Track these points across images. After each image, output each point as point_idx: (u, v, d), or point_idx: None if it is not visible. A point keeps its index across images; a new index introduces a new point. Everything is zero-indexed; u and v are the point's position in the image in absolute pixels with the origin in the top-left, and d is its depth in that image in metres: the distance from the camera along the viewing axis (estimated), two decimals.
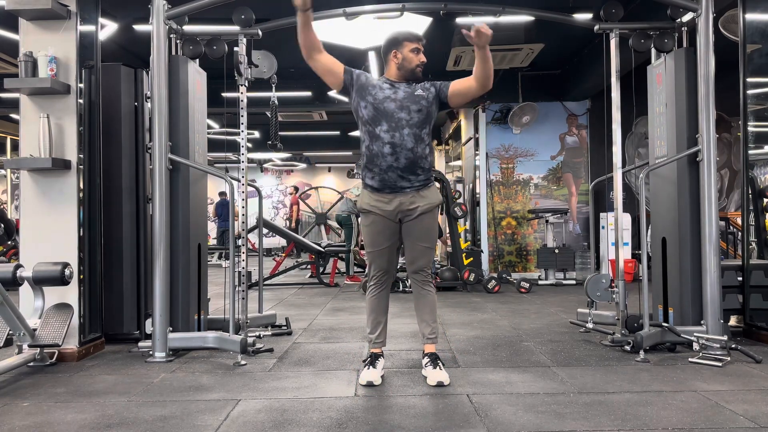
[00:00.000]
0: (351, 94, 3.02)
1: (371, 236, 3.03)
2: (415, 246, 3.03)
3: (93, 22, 3.77)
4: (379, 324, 3.10)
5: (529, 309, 5.38)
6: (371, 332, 3.11)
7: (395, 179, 2.93)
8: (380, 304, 3.09)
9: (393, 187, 2.94)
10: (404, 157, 2.89)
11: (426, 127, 2.97)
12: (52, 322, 3.28)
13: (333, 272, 7.80)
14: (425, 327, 3.08)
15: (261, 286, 4.40)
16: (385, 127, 2.90)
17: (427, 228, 3.02)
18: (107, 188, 3.85)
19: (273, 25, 3.91)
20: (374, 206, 2.98)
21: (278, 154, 15.09)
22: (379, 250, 3.03)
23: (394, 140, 2.89)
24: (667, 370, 3.13)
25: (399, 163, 2.90)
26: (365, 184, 3.03)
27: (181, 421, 2.41)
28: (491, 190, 8.18)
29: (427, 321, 3.07)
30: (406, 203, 2.95)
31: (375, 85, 2.98)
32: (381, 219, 2.98)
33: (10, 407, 2.61)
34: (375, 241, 3.03)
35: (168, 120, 3.62)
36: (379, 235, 3.01)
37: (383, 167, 2.91)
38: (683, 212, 3.72)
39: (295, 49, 2.95)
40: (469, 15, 5.64)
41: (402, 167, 2.91)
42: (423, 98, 2.96)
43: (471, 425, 2.32)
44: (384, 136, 2.90)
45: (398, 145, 2.89)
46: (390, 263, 3.08)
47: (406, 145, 2.89)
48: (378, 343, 3.10)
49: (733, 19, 4.21)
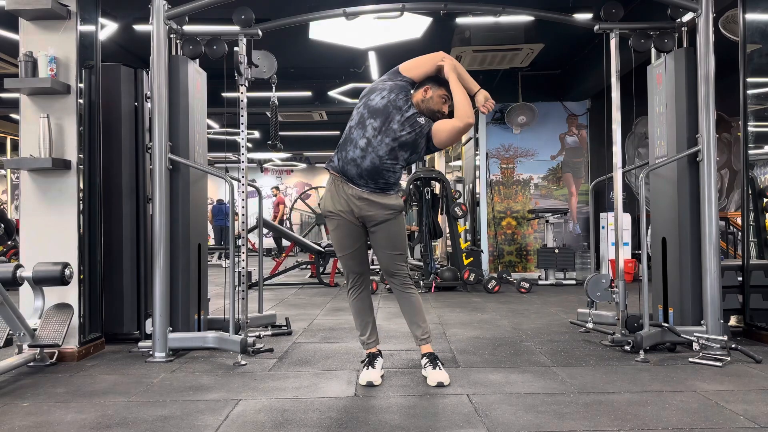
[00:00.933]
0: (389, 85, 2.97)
1: (338, 240, 3.02)
2: (383, 253, 3.02)
3: (93, 22, 3.77)
4: (368, 324, 3.11)
5: (529, 309, 5.38)
6: (361, 334, 3.12)
7: (353, 175, 2.89)
8: (363, 306, 3.10)
9: (350, 178, 2.90)
10: (370, 161, 2.85)
11: (405, 152, 2.91)
12: (52, 322, 3.28)
13: (333, 272, 7.79)
14: (416, 329, 3.06)
15: (261, 286, 4.40)
16: (376, 125, 2.87)
17: (392, 235, 2.98)
18: (107, 188, 3.85)
19: (273, 25, 3.91)
20: (336, 209, 2.95)
21: (278, 154, 15.10)
22: (348, 254, 3.02)
23: (373, 140, 2.85)
24: (667, 370, 3.13)
25: (364, 162, 2.86)
26: (330, 163, 2.99)
27: (181, 421, 2.41)
28: (491, 190, 8.18)
29: (416, 323, 3.06)
30: (363, 209, 2.91)
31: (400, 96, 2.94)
32: (344, 222, 2.96)
33: (10, 407, 2.61)
34: (342, 244, 3.02)
35: (168, 120, 3.62)
36: (345, 239, 3.00)
37: (347, 158, 2.89)
38: (683, 212, 3.72)
39: (295, 49, 2.95)
40: (469, 15, 5.65)
41: (364, 168, 2.86)
42: (419, 126, 2.91)
43: (471, 425, 2.32)
44: (368, 131, 2.86)
45: (372, 146, 2.84)
46: (361, 264, 3.07)
47: (378, 151, 2.85)
48: (371, 343, 3.10)
49: (733, 19, 4.21)
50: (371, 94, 2.96)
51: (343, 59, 6.89)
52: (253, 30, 3.79)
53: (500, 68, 7.22)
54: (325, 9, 3.90)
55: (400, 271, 3.04)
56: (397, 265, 3.03)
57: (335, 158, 2.98)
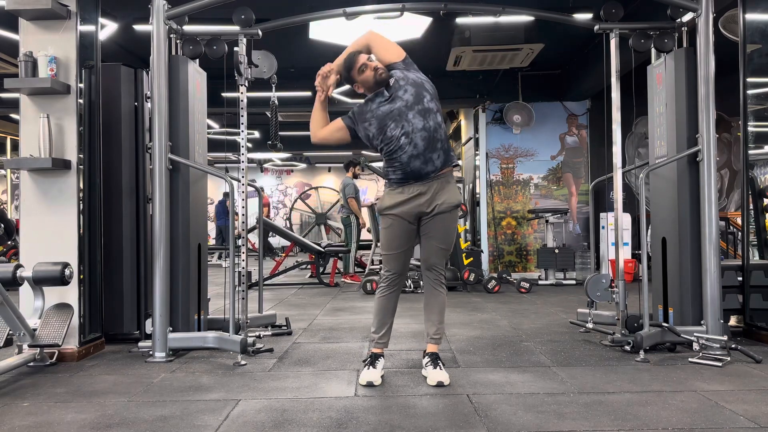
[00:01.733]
0: (359, 130, 3.03)
1: (388, 240, 3.05)
2: (431, 245, 3.04)
3: (93, 22, 3.77)
4: (385, 325, 3.10)
5: (529, 309, 5.38)
6: (376, 332, 3.09)
7: (419, 167, 2.91)
8: (389, 306, 3.10)
9: (418, 176, 2.92)
10: (420, 138, 2.88)
11: (424, 99, 2.94)
12: (52, 322, 3.28)
13: (333, 272, 7.79)
14: (431, 326, 3.07)
15: (261, 286, 4.40)
16: (392, 125, 2.91)
17: (446, 228, 3.02)
18: (107, 188, 3.85)
19: (273, 25, 3.91)
20: (394, 208, 2.98)
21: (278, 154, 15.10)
22: (395, 254, 3.05)
23: (405, 129, 2.89)
24: (667, 370, 3.13)
25: (417, 148, 2.88)
26: (390, 180, 3.02)
27: (181, 421, 2.41)
28: (491, 190, 8.18)
29: (433, 321, 3.07)
30: (427, 201, 2.94)
31: (367, 106, 3.02)
32: (399, 222, 2.99)
33: (10, 407, 2.61)
34: (391, 244, 3.04)
35: (168, 120, 3.62)
36: (396, 239, 3.02)
37: (404, 160, 2.91)
38: (683, 212, 3.72)
39: (295, 49, 2.95)
40: (469, 15, 5.65)
41: (421, 150, 2.88)
42: (401, 78, 2.96)
43: (471, 425, 2.32)
44: (395, 133, 2.90)
45: (409, 131, 2.88)
46: (404, 266, 3.09)
47: (416, 126, 2.88)
48: (381, 343, 3.10)
49: (733, 19, 4.21)
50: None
51: None
52: (253, 30, 3.79)
53: (500, 68, 7.22)
54: (325, 9, 3.90)
55: (439, 266, 3.07)
56: (439, 260, 3.06)
57: (391, 173, 2.98)
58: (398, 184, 2.98)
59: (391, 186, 3.02)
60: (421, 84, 2.97)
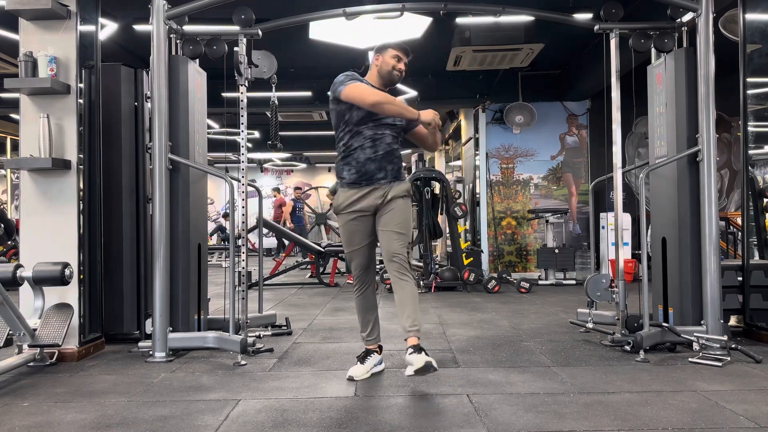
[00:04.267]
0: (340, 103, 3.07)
1: (348, 236, 3.14)
2: (388, 234, 3.04)
3: (93, 22, 3.77)
4: (369, 322, 3.17)
5: (529, 309, 5.38)
6: (363, 331, 3.19)
7: (373, 171, 3.05)
8: (367, 303, 3.18)
9: (370, 179, 3.05)
10: (382, 150, 3.06)
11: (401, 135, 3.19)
12: (52, 322, 3.28)
13: (333, 272, 7.79)
14: (405, 319, 2.92)
15: (261, 286, 4.40)
16: (371, 125, 3.05)
17: (401, 213, 3.07)
18: (107, 188, 3.85)
19: (273, 25, 3.91)
20: (349, 205, 3.08)
21: (278, 154, 15.08)
22: (357, 249, 3.13)
23: (376, 136, 3.06)
24: (667, 370, 3.13)
25: (377, 154, 3.05)
26: (342, 179, 3.13)
27: (181, 421, 2.41)
28: (491, 190, 8.18)
29: (407, 313, 2.93)
30: (381, 195, 3.05)
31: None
32: (356, 218, 3.09)
33: (10, 407, 2.61)
34: (352, 240, 3.13)
35: (168, 120, 3.62)
36: (355, 235, 3.12)
37: (361, 160, 3.04)
38: (683, 212, 3.72)
39: (295, 49, 2.95)
40: (469, 15, 5.65)
41: (380, 157, 3.05)
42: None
43: (471, 425, 2.32)
44: (367, 133, 3.05)
45: (378, 139, 3.06)
46: (369, 259, 3.17)
47: (385, 139, 3.08)
48: (371, 340, 3.17)
49: (733, 19, 4.21)
50: None
51: (343, 59, 6.89)
52: (253, 30, 3.79)
53: (500, 68, 7.22)
54: (325, 9, 3.90)
55: (400, 254, 3.01)
56: (399, 246, 3.02)
57: (345, 171, 3.11)
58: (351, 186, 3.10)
59: (343, 187, 3.14)
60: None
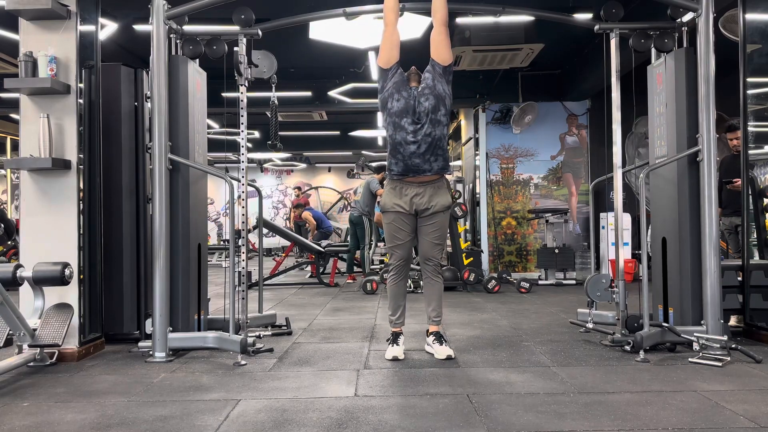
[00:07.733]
0: (387, 82, 3.42)
1: (392, 232, 3.51)
2: (426, 241, 3.54)
3: (93, 22, 3.77)
4: (399, 307, 3.57)
5: (529, 309, 5.38)
6: (392, 314, 3.56)
7: (418, 164, 3.37)
8: (399, 290, 3.57)
9: (416, 170, 3.39)
10: (425, 142, 3.36)
11: (441, 110, 3.40)
12: (52, 322, 3.28)
13: (333, 272, 7.79)
14: (432, 310, 3.55)
15: (261, 286, 4.40)
16: (409, 120, 3.36)
17: (438, 226, 3.52)
18: (107, 188, 3.85)
19: (273, 25, 3.91)
20: (396, 204, 3.45)
21: (278, 154, 15.08)
22: (399, 244, 3.52)
23: (416, 128, 3.36)
24: (667, 370, 3.13)
25: (420, 148, 3.35)
26: (389, 170, 3.47)
27: (181, 421, 2.41)
28: (491, 190, 8.18)
29: (432, 305, 3.55)
30: (424, 202, 3.43)
31: (406, 86, 3.43)
32: (401, 216, 3.46)
33: (10, 407, 2.61)
34: (395, 236, 3.51)
35: (168, 120, 3.62)
36: (399, 232, 3.50)
37: (406, 154, 3.37)
38: (683, 212, 3.72)
39: (295, 49, 2.96)
40: (469, 15, 5.66)
41: (423, 151, 3.36)
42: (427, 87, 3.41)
43: (471, 425, 2.32)
44: (408, 127, 3.36)
45: (419, 131, 3.35)
46: (408, 252, 3.58)
47: (425, 131, 3.36)
48: (398, 323, 3.56)
49: (733, 19, 4.21)
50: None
51: (343, 59, 6.88)
52: (253, 30, 3.79)
53: (500, 68, 7.22)
54: (325, 9, 3.90)
55: (436, 258, 3.56)
56: (436, 252, 3.55)
57: (392, 164, 3.44)
58: (398, 179, 3.44)
59: (391, 181, 3.47)
60: (443, 98, 3.41)
